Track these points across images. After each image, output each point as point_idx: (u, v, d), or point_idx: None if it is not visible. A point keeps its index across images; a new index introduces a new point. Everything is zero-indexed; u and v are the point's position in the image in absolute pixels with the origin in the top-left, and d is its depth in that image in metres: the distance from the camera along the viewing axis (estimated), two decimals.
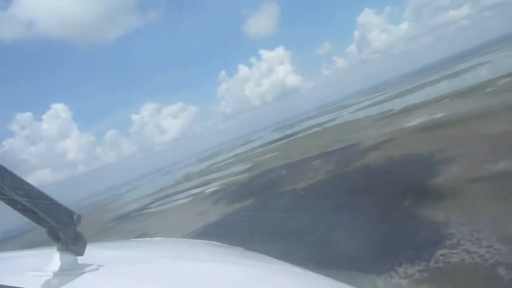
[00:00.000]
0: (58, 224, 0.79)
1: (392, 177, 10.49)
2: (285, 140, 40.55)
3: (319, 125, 43.42)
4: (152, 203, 27.45)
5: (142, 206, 27.48)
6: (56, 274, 0.81)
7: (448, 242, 6.01)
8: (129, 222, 22.19)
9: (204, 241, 2.02)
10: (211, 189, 22.86)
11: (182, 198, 23.99)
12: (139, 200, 33.35)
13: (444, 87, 32.15)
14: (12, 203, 0.75)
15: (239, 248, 1.69)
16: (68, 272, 0.82)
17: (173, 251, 1.58)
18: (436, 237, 6.23)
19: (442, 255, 5.73)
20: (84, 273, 0.84)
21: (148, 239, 2.70)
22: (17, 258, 1.34)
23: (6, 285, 0.70)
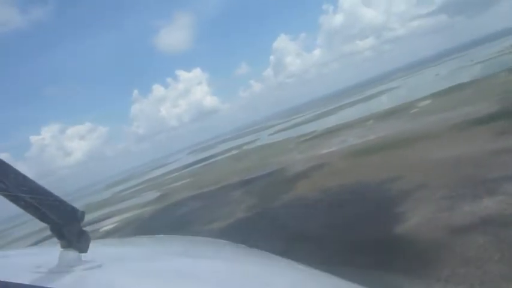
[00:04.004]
0: (62, 220, 0.78)
1: (334, 218, 7.96)
2: (202, 164, 37.27)
3: (239, 147, 41.14)
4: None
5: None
6: (59, 271, 0.81)
7: None
8: None
9: (208, 238, 1.93)
10: (107, 227, 19.29)
11: None
12: (17, 242, 26.95)
13: (356, 110, 33.31)
14: (16, 200, 0.75)
15: (242, 245, 1.63)
16: (71, 268, 0.81)
17: (176, 248, 1.55)
18: None
19: None
20: (87, 270, 0.83)
21: (152, 236, 2.35)
22: (21, 256, 1.34)
23: (11, 282, 0.71)
